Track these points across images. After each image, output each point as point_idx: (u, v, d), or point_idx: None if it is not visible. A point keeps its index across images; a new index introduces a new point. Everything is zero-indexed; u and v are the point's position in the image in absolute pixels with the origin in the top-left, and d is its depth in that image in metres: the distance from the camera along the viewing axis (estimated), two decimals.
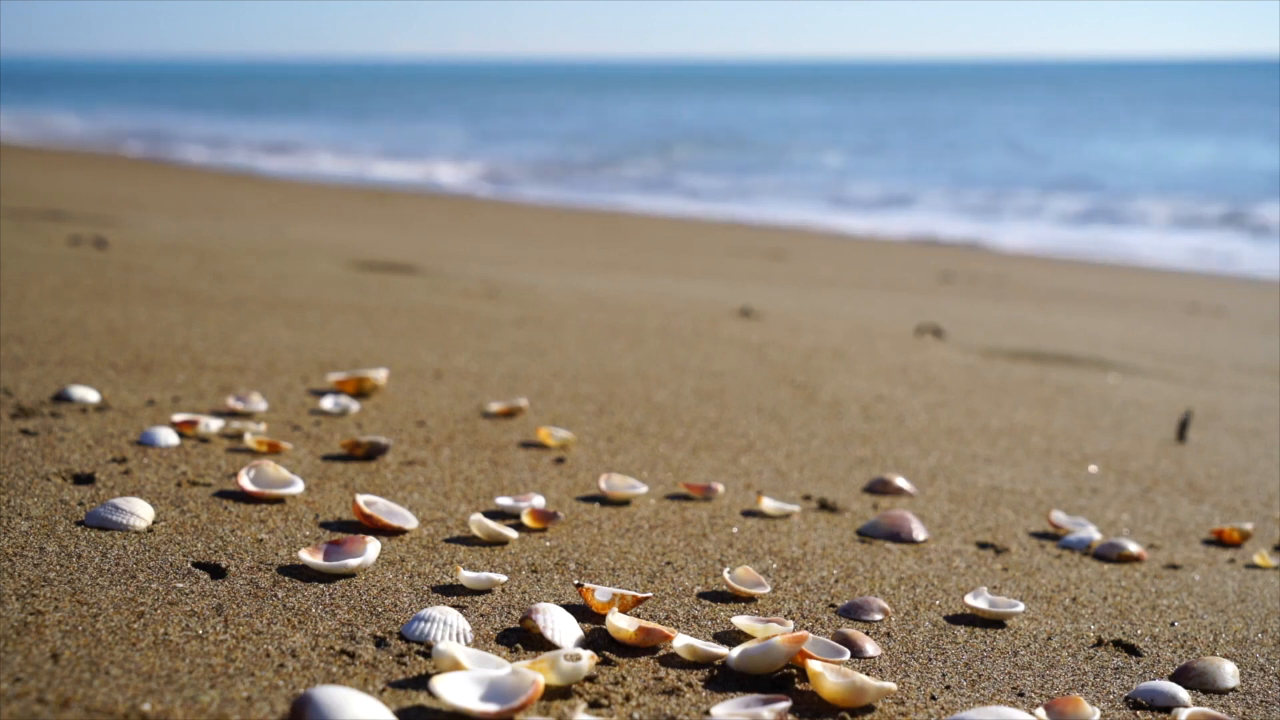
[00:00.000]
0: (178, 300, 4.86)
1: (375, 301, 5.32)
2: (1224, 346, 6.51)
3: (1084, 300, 8.53)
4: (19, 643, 1.75)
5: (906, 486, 3.10)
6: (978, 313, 7.07)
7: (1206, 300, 8.87)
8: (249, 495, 2.53)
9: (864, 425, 3.77)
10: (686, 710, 1.78)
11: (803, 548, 2.60)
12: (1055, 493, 3.22)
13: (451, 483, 2.83)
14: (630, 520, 2.68)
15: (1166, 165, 23.56)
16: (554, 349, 4.54)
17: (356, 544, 2.22)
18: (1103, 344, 6.03)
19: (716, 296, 6.61)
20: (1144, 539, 2.90)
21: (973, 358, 5.19)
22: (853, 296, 7.55)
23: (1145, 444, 3.86)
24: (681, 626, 2.11)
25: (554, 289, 6.30)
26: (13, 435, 2.83)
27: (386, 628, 1.96)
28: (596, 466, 3.07)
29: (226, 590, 2.05)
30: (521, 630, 2.01)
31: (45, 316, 4.23)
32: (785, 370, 4.50)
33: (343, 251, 7.34)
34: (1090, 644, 2.20)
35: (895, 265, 10.22)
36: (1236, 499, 3.31)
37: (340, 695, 1.59)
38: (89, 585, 2.00)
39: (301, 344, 4.20)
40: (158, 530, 2.31)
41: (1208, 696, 2.03)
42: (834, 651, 1.99)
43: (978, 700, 1.93)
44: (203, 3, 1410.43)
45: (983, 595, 2.32)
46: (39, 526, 2.26)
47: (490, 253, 8.45)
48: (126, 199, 10.69)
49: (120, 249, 6.35)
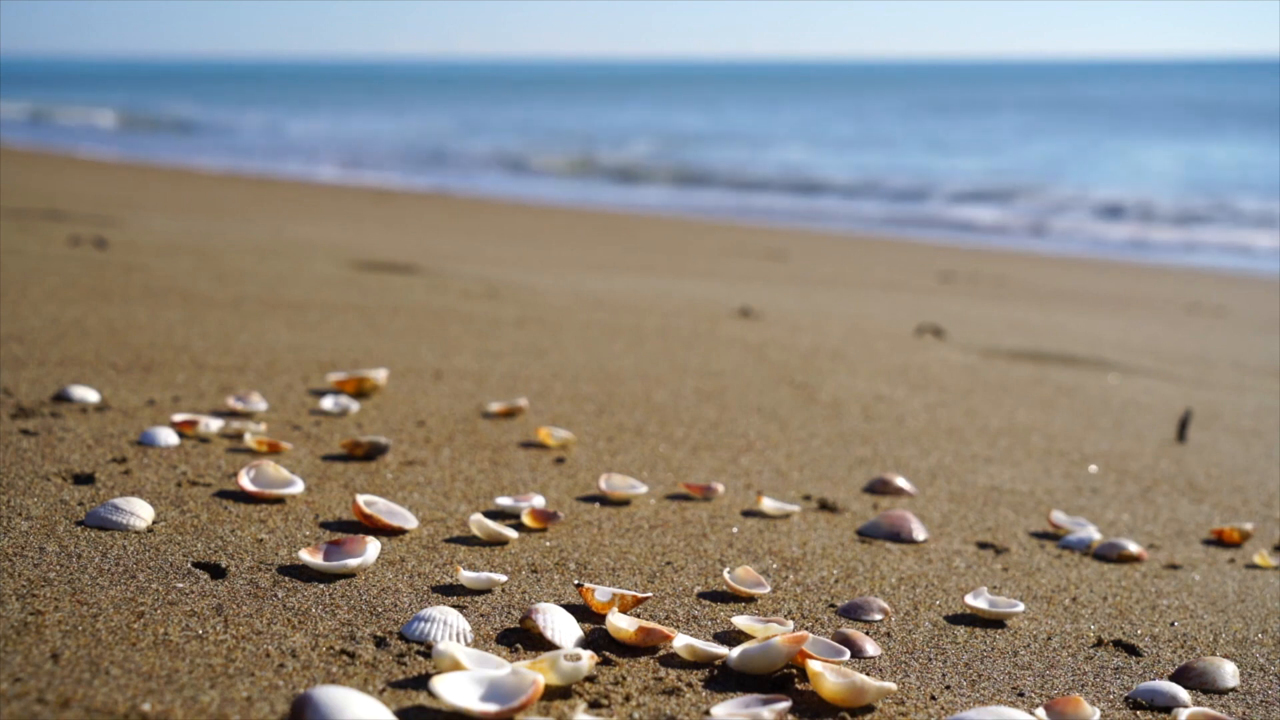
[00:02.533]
0: (178, 300, 4.86)
1: (375, 301, 5.32)
2: (1224, 346, 6.51)
3: (1084, 300, 8.53)
4: (19, 643, 1.75)
5: (906, 486, 3.10)
6: (978, 313, 7.07)
7: (1206, 300, 8.87)
8: (249, 495, 2.53)
9: (864, 425, 3.77)
10: (686, 710, 1.78)
11: (803, 548, 2.60)
12: (1055, 493, 3.22)
13: (451, 483, 2.83)
14: (630, 520, 2.68)
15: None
16: (554, 349, 4.54)
17: (356, 544, 2.22)
18: (1103, 344, 6.03)
19: (716, 296, 6.61)
20: (1144, 539, 2.90)
21: (973, 358, 5.19)
22: (853, 296, 7.55)
23: (1145, 444, 3.86)
24: (681, 626, 2.11)
25: (554, 289, 6.30)
26: (13, 435, 2.83)
27: (386, 628, 1.96)
28: (596, 466, 3.07)
29: (226, 590, 2.05)
30: (521, 630, 2.01)
31: (45, 316, 4.23)
32: (785, 370, 4.50)
33: (343, 251, 7.34)
34: (1090, 644, 2.20)
35: (895, 265, 10.21)
36: (1236, 499, 3.31)
37: (340, 695, 1.59)
38: (89, 585, 2.00)
39: (301, 344, 4.20)
40: (158, 530, 2.31)
41: (1208, 696, 2.03)
42: (834, 651, 1.99)
43: (978, 700, 1.93)
44: (201, 3, 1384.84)
45: (983, 595, 2.32)
46: (39, 526, 2.26)
47: (490, 253, 8.45)
48: (126, 199, 10.69)
49: (120, 249, 6.35)
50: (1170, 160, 24.66)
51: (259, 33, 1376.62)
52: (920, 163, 24.18)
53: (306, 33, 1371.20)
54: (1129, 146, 28.28)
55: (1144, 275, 11.26)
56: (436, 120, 38.25)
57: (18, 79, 69.66)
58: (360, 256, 7.10)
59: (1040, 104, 52.03)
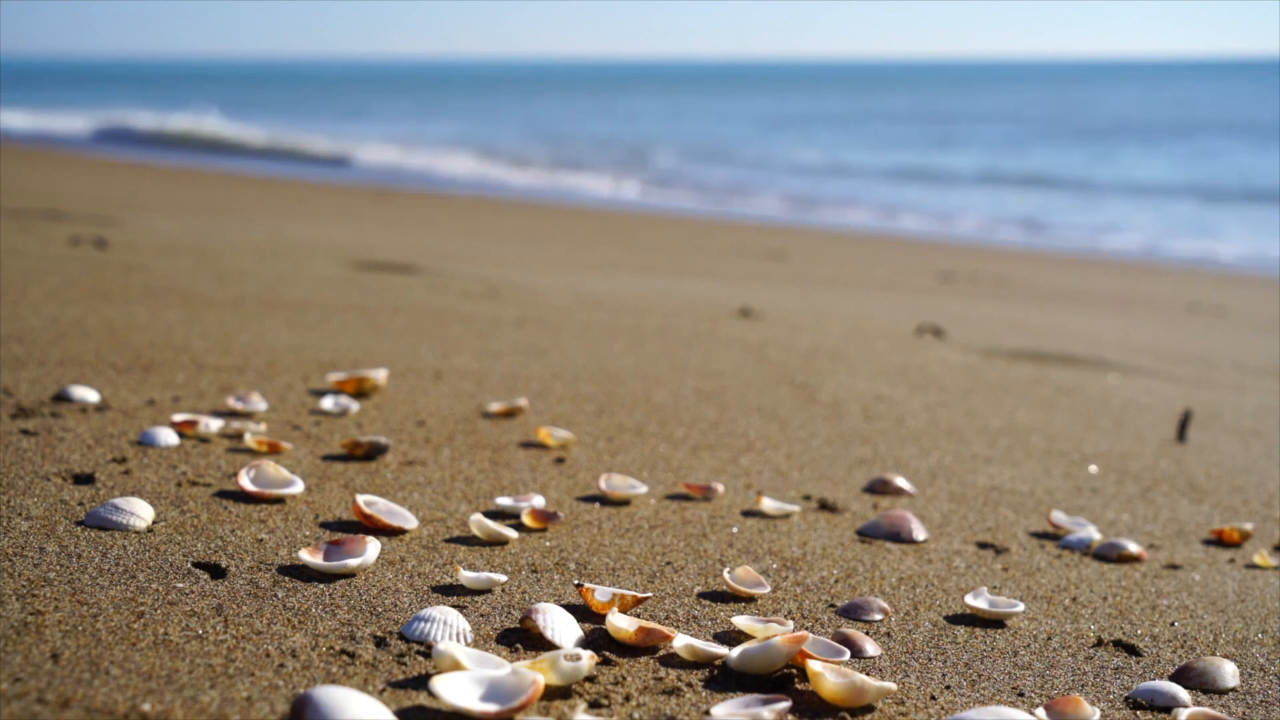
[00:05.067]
0: (178, 300, 4.86)
1: (375, 301, 5.32)
2: (1224, 346, 6.51)
3: (1084, 300, 8.53)
4: (19, 643, 1.75)
5: (906, 486, 3.10)
6: (978, 313, 7.07)
7: (1206, 300, 8.87)
8: (249, 495, 2.53)
9: (864, 425, 3.77)
10: (686, 710, 1.78)
11: (803, 548, 2.60)
12: (1055, 493, 3.22)
13: (451, 483, 2.83)
14: (630, 520, 2.68)
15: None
16: (554, 349, 4.54)
17: (356, 544, 2.22)
18: (1103, 344, 6.03)
19: (716, 296, 6.61)
20: (1144, 539, 2.90)
21: (973, 358, 5.19)
22: (853, 296, 7.55)
23: (1145, 444, 3.86)
24: (681, 626, 2.11)
25: (554, 289, 6.31)
26: (13, 435, 2.83)
27: (386, 628, 1.96)
28: (596, 466, 3.07)
29: (226, 590, 2.05)
30: (521, 630, 2.01)
31: (45, 316, 4.23)
32: (785, 370, 4.50)
33: (343, 251, 7.34)
34: (1090, 644, 2.20)
35: (895, 265, 10.21)
36: (1236, 499, 3.31)
37: (340, 695, 1.59)
38: (89, 585, 2.00)
39: (301, 344, 4.20)
40: (158, 530, 2.31)
41: (1208, 696, 2.03)
42: (834, 651, 1.99)
43: (978, 700, 1.93)
44: (200, 3, 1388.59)
45: (983, 595, 2.32)
46: (39, 526, 2.26)
47: (490, 253, 8.45)
48: (126, 199, 10.69)
49: (120, 249, 6.35)
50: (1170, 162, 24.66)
51: (259, 33, 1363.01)
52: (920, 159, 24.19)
53: (307, 33, 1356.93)
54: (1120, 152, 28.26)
55: (1144, 275, 11.25)
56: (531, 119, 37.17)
57: (17, 79, 69.56)
58: (360, 256, 7.10)
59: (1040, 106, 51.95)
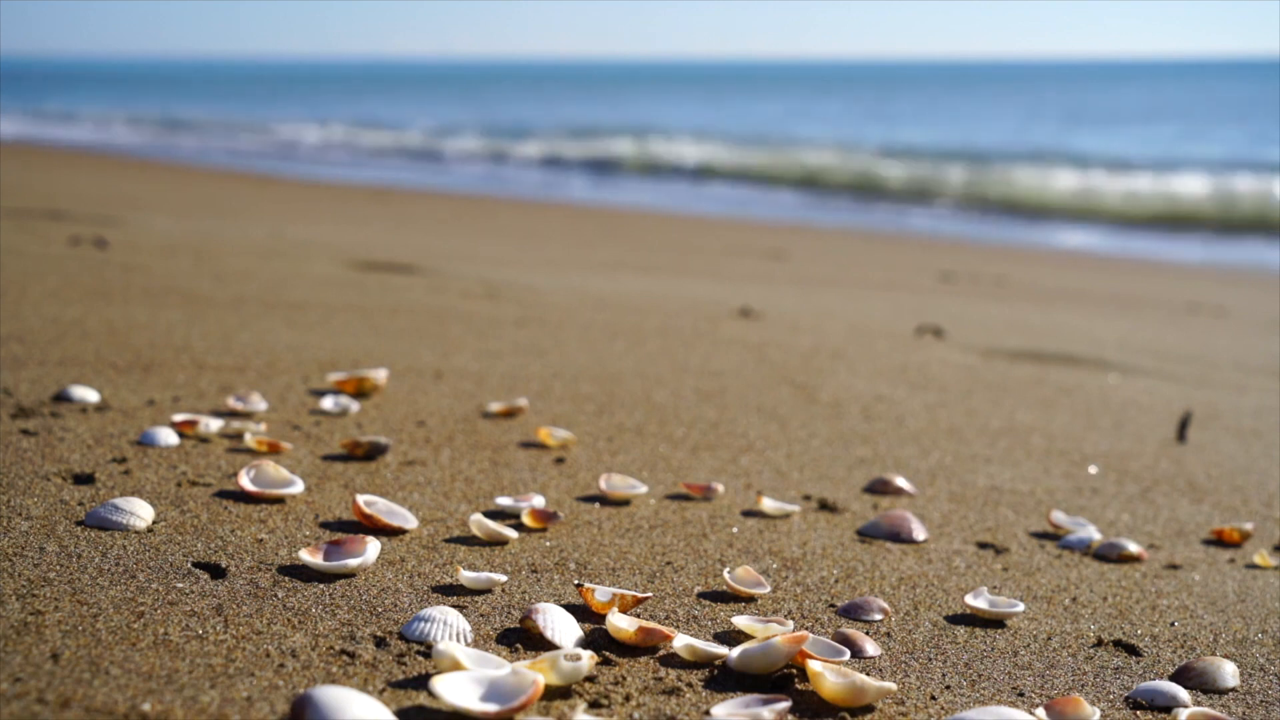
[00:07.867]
0: (178, 300, 4.86)
1: (375, 301, 5.32)
2: (1224, 346, 6.51)
3: (1084, 300, 8.53)
4: (19, 643, 1.75)
5: (906, 486, 3.10)
6: (978, 313, 7.07)
7: (1206, 300, 8.87)
8: (249, 495, 2.53)
9: (864, 425, 3.77)
10: (686, 710, 1.78)
11: (803, 548, 2.60)
12: (1055, 493, 3.22)
13: (451, 483, 2.83)
14: (630, 520, 2.68)
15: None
16: (554, 349, 4.54)
17: (356, 544, 2.22)
18: (1103, 344, 6.03)
19: (716, 296, 6.61)
20: (1144, 539, 2.90)
21: (973, 358, 5.19)
22: (853, 296, 7.55)
23: (1145, 444, 3.86)
24: (681, 626, 2.11)
25: (554, 289, 6.30)
26: (13, 435, 2.83)
27: (386, 628, 1.96)
28: (596, 466, 3.07)
29: (226, 590, 2.05)
30: (521, 630, 2.01)
31: (45, 316, 4.23)
32: (785, 370, 4.50)
33: (343, 251, 7.34)
34: (1090, 644, 2.20)
35: (895, 265, 10.21)
36: (1236, 499, 3.31)
37: (340, 695, 1.59)
38: (89, 585, 2.00)
39: (301, 344, 4.20)
40: (158, 530, 2.31)
41: (1208, 696, 2.03)
42: (834, 651, 1.99)
43: (978, 700, 1.93)
44: (199, 3, 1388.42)
45: (983, 595, 2.32)
46: (39, 526, 2.26)
47: (490, 253, 8.45)
48: (126, 199, 10.69)
49: (120, 249, 6.35)
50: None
51: (260, 33, 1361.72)
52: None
53: (306, 33, 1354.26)
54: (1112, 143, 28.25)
55: (1144, 275, 11.25)
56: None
57: (18, 79, 69.49)
58: (360, 256, 7.10)
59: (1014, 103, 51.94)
